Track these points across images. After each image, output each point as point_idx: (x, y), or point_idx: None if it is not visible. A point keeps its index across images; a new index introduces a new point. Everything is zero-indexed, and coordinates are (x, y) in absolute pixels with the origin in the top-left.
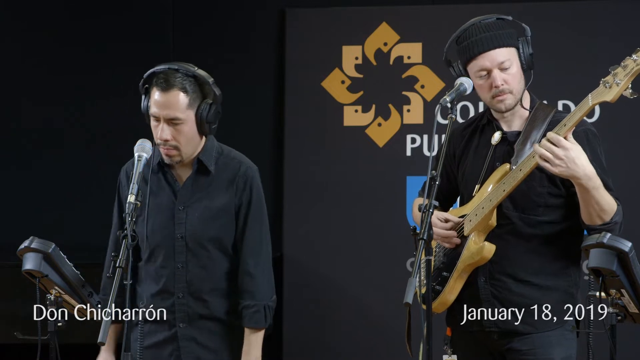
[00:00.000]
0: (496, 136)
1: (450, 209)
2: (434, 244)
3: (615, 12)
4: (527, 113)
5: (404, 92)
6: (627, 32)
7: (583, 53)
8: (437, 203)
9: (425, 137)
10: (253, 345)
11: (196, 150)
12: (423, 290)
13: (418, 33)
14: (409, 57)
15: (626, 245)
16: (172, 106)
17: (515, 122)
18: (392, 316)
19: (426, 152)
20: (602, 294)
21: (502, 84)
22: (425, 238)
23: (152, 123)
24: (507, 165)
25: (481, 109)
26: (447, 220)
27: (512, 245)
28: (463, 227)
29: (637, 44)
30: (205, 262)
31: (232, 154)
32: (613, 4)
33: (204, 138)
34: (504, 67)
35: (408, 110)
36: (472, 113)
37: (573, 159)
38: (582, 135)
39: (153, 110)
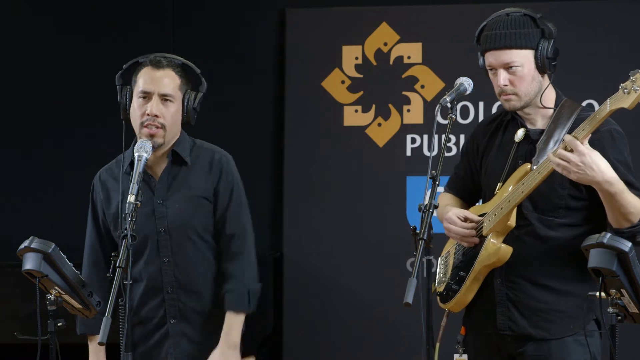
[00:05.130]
0: (519, 133)
1: (473, 206)
2: (453, 242)
3: (616, 11)
4: (550, 111)
5: (404, 92)
6: (632, 32)
7: (583, 53)
8: (437, 203)
9: (425, 137)
10: (234, 328)
11: (173, 140)
12: (439, 289)
13: (418, 33)
14: (409, 57)
15: (626, 245)
16: (166, 82)
17: (538, 120)
18: (392, 316)
19: (426, 152)
20: (602, 294)
21: (506, 85)
22: (425, 238)
23: (138, 102)
24: (528, 165)
25: (481, 109)
26: (466, 219)
27: (530, 247)
28: (483, 227)
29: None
30: (192, 254)
31: (205, 145)
32: (613, 4)
33: (178, 131)
34: (510, 68)
35: (408, 110)
36: (472, 113)
37: (590, 165)
38: (607, 135)
39: (144, 86)
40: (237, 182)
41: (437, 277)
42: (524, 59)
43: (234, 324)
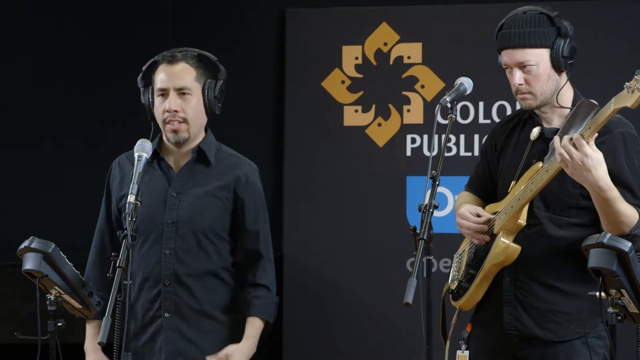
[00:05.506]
0: (534, 132)
1: (489, 205)
2: (468, 240)
3: (616, 11)
4: (567, 110)
5: (404, 92)
6: (632, 32)
7: (583, 53)
8: (437, 203)
9: (425, 137)
10: (256, 331)
11: (199, 134)
12: (452, 286)
13: (418, 33)
14: (409, 57)
15: (626, 245)
16: (181, 76)
17: (554, 119)
18: (392, 316)
19: (426, 152)
20: (602, 294)
21: (521, 84)
22: (425, 238)
23: (158, 100)
24: (540, 164)
25: (481, 109)
26: (478, 216)
27: (539, 247)
28: (494, 225)
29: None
30: (194, 250)
31: (231, 152)
32: (613, 4)
33: (204, 132)
34: (525, 67)
35: (408, 110)
36: (472, 113)
37: (589, 167)
38: (619, 137)
39: (160, 84)
40: (262, 193)
41: (450, 274)
42: (538, 58)
43: (257, 329)
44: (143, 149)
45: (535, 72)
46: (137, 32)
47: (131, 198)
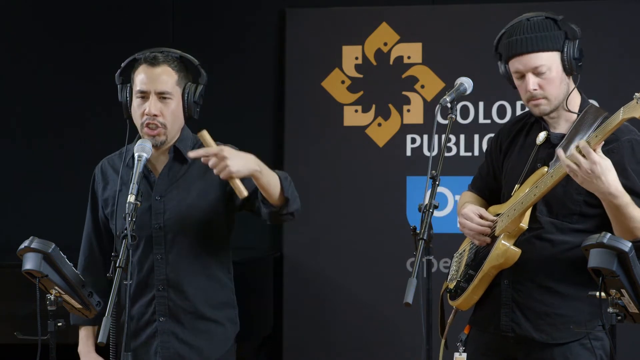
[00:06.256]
0: (541, 136)
1: (492, 206)
2: (469, 240)
3: (616, 12)
4: (574, 116)
5: (404, 92)
6: (632, 32)
7: (586, 54)
8: (437, 203)
9: (425, 137)
10: (266, 168)
11: (175, 136)
12: (450, 285)
13: (418, 33)
14: (409, 57)
15: (626, 245)
16: (162, 80)
17: (561, 124)
18: (392, 316)
19: (426, 152)
20: (602, 293)
21: (535, 89)
22: (425, 238)
23: (137, 102)
24: (545, 169)
25: (481, 109)
26: (481, 217)
27: (539, 251)
28: (496, 227)
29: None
30: (186, 252)
31: None
32: (613, 4)
33: (181, 127)
34: (538, 72)
35: (408, 110)
36: (472, 113)
37: (598, 174)
38: (627, 145)
39: (140, 86)
40: None
41: (449, 273)
42: (550, 61)
43: (269, 170)
44: (143, 149)
45: (548, 76)
46: (137, 32)
47: (131, 198)
